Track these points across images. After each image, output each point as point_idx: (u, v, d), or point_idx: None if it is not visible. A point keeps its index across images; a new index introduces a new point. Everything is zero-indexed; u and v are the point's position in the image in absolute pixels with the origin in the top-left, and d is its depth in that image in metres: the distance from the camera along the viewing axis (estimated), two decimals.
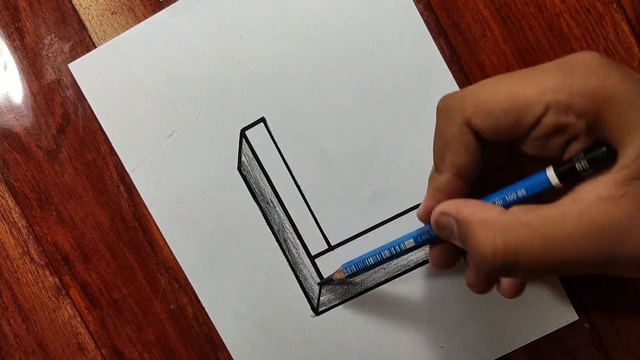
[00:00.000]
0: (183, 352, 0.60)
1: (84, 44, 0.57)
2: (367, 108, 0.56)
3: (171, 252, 0.59)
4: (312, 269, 0.58)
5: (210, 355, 0.60)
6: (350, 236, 0.58)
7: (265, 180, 0.57)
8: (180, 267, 0.59)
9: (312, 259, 0.58)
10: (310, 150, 0.57)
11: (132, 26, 0.57)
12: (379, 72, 0.56)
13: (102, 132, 0.58)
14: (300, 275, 0.59)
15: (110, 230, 0.59)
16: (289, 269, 0.59)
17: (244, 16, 0.56)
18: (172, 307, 0.60)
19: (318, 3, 0.56)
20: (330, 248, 0.58)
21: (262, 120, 0.57)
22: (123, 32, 0.57)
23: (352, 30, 0.56)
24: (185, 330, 0.60)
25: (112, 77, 0.57)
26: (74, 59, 0.57)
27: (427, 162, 0.56)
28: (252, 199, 0.58)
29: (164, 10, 0.56)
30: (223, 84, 0.57)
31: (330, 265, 0.58)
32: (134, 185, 0.58)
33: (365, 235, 0.58)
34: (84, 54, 0.57)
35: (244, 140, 0.57)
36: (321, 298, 0.59)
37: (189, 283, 0.59)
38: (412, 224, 0.57)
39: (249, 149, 0.57)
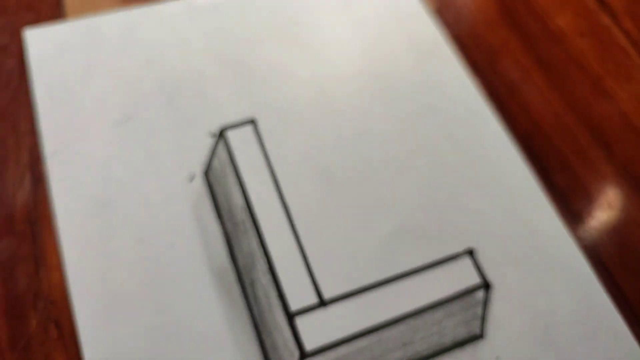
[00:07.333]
0: None
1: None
2: (385, 118, 0.44)
3: (64, 281, 0.36)
4: (288, 334, 0.36)
5: None
6: (352, 289, 0.37)
7: (240, 193, 0.40)
8: (72, 306, 0.36)
9: (291, 317, 0.36)
10: (311, 167, 0.42)
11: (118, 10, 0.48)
12: (397, 86, 0.46)
13: (27, 108, 0.43)
14: (267, 341, 0.36)
15: None
16: (251, 329, 0.36)
17: (245, 19, 0.49)
18: None
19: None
20: (322, 304, 0.37)
21: (252, 122, 0.43)
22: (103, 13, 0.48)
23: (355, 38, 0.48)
24: None
25: (72, 53, 0.45)
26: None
27: (468, 199, 0.41)
28: (212, 214, 0.40)
29: (161, 3, 0.49)
30: (208, 79, 0.45)
31: (318, 330, 0.36)
32: (44, 178, 0.40)
33: (375, 291, 0.37)
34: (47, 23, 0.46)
35: (221, 141, 0.42)
36: None
37: (77, 334, 0.35)
38: (441, 282, 0.38)
39: (225, 153, 0.42)
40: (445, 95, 0.47)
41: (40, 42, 0.46)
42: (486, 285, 0.38)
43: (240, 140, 0.42)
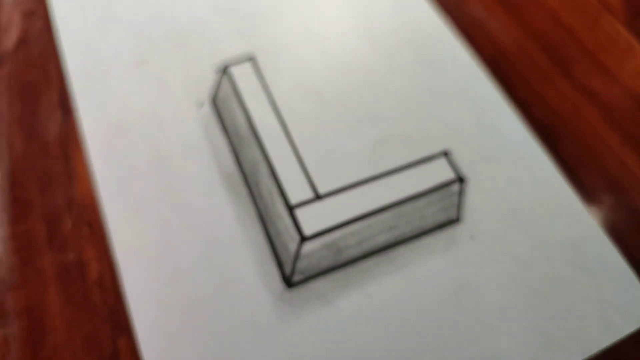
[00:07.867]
0: (61, 333, 0.36)
1: None
2: (368, 51, 0.50)
3: (93, 190, 0.42)
4: (289, 223, 0.41)
5: (106, 341, 0.37)
6: (344, 185, 0.43)
7: (244, 114, 0.46)
8: (101, 210, 0.41)
9: (292, 209, 0.42)
10: (304, 92, 0.48)
11: None
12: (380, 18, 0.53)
13: (55, 58, 0.49)
14: (271, 230, 0.41)
15: (22, 155, 0.44)
16: (257, 220, 0.42)
17: None
18: (69, 257, 0.39)
19: None
20: (318, 197, 0.42)
21: (251, 59, 0.49)
22: None
23: None
24: (78, 298, 0.38)
25: (91, 11, 0.52)
26: None
27: (443, 111, 0.48)
28: (220, 133, 0.45)
29: None
30: (211, 26, 0.52)
31: (315, 219, 0.41)
32: (72, 111, 0.46)
33: (364, 186, 0.43)
34: None
35: (225, 75, 0.48)
36: (298, 263, 0.40)
37: (107, 232, 0.41)
38: (421, 178, 0.44)
39: (229, 84, 0.48)
40: (420, 32, 0.53)
41: (63, 4, 0.52)
42: (460, 179, 0.44)
43: (242, 74, 0.48)
